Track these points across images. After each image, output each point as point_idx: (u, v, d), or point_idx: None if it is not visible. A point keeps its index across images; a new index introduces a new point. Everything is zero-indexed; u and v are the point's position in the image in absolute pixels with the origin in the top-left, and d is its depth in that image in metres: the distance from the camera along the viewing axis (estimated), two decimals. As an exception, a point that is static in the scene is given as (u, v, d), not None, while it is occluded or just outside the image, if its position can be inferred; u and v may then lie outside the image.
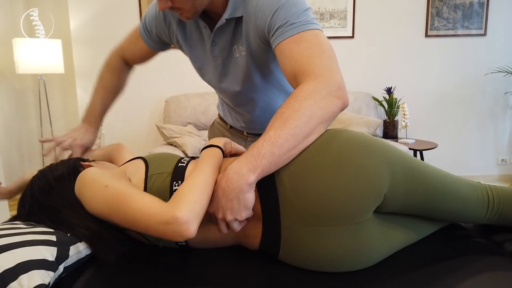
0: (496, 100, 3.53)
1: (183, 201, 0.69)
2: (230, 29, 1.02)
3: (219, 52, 1.07)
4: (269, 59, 1.04)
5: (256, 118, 1.24)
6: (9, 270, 0.66)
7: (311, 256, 0.76)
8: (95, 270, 0.81)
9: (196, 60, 1.15)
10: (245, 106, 1.21)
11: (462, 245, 0.89)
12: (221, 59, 1.08)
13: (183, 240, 0.68)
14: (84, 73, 3.38)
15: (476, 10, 3.35)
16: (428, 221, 0.90)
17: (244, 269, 0.81)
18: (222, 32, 1.03)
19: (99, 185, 0.78)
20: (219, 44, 1.05)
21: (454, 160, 3.60)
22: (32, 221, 0.86)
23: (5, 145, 3.13)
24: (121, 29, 3.30)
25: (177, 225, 0.66)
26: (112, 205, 0.75)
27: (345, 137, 0.79)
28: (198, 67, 1.17)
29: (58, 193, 0.87)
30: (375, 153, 0.76)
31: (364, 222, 0.75)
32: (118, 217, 0.74)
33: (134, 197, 0.74)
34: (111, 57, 1.28)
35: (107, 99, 1.27)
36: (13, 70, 3.14)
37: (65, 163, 0.94)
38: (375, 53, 3.43)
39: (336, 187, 0.73)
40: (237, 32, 1.02)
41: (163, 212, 0.68)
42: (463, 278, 0.74)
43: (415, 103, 3.48)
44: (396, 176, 0.77)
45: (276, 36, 0.89)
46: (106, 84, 1.26)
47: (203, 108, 3.25)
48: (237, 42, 1.04)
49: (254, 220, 0.81)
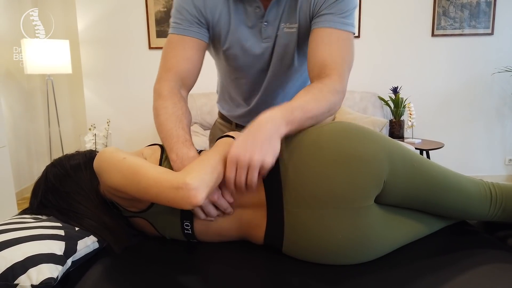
0: (503, 99, 3.50)
1: (194, 170, 0.73)
2: (283, 3, 1.00)
3: (271, 32, 1.04)
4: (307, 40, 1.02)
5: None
6: (18, 264, 0.68)
7: (314, 242, 0.77)
8: (102, 264, 0.82)
9: (235, 46, 1.06)
10: (272, 93, 1.18)
11: (466, 240, 0.89)
12: (272, 41, 1.05)
13: (191, 208, 0.71)
14: (91, 74, 3.41)
15: (483, 9, 3.32)
16: (433, 217, 0.90)
17: (249, 264, 0.82)
18: (277, 7, 1.00)
19: (116, 158, 0.82)
20: (271, 23, 1.03)
21: (460, 160, 3.58)
22: (42, 214, 0.89)
23: (13, 144, 3.17)
24: (128, 29, 3.33)
25: (187, 191, 0.69)
26: (127, 175, 0.77)
27: (346, 126, 0.83)
28: (236, 53, 1.08)
29: (73, 179, 0.90)
30: (374, 141, 0.80)
31: (365, 208, 0.77)
32: (132, 186, 0.77)
33: (148, 167, 0.77)
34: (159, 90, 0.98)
35: (182, 122, 0.94)
36: (21, 71, 3.18)
37: (81, 153, 0.97)
38: (381, 53, 3.42)
39: (337, 171, 0.76)
40: (289, 7, 1.01)
41: (174, 178, 0.72)
42: (467, 272, 0.75)
43: (422, 103, 3.47)
44: (395, 163, 0.79)
45: (325, 19, 0.95)
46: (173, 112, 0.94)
47: (208, 108, 3.27)
48: (287, 19, 1.02)
49: (258, 209, 0.83)
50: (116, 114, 3.47)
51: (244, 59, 1.10)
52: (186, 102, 1.01)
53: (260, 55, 1.09)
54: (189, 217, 0.86)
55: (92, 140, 3.13)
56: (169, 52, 1.02)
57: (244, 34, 1.05)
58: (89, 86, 3.43)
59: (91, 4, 3.30)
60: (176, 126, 0.90)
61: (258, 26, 1.04)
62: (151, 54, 3.35)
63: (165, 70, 1.01)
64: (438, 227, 0.93)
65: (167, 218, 0.88)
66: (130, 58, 3.39)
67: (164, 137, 0.91)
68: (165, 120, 0.92)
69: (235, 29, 1.04)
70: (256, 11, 1.01)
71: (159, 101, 0.96)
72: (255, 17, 1.02)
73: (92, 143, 3.13)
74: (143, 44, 3.37)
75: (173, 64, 1.00)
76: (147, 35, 3.35)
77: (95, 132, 3.14)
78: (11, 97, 3.19)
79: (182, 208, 0.72)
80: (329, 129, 0.82)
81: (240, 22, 1.03)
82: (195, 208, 0.81)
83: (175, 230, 0.88)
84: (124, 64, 3.40)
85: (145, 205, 0.86)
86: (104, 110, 3.45)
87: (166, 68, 1.01)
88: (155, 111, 0.96)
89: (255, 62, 1.11)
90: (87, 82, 3.42)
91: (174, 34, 1.02)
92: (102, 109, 3.46)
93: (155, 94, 0.98)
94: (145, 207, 0.87)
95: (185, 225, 0.86)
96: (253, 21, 1.03)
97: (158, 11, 3.32)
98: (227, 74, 1.20)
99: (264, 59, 1.10)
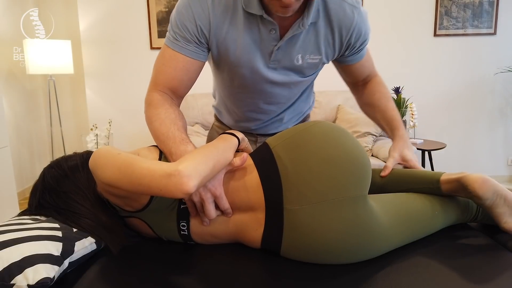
0: (506, 100, 3.49)
1: (187, 159, 0.74)
2: (303, 36, 0.97)
3: (282, 58, 1.00)
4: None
5: (279, 117, 1.21)
6: (15, 264, 0.68)
7: (314, 238, 0.78)
8: (100, 265, 0.82)
9: (244, 66, 1.01)
10: (273, 106, 1.15)
11: (466, 243, 0.88)
12: (281, 65, 1.01)
13: (183, 196, 0.71)
14: (93, 74, 3.42)
15: (486, 9, 3.31)
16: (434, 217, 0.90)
17: (247, 264, 0.81)
18: (294, 38, 0.96)
19: (112, 154, 0.82)
20: (284, 50, 0.98)
21: (463, 161, 3.56)
22: (40, 214, 0.89)
23: (15, 144, 3.18)
24: (130, 29, 3.33)
25: (179, 178, 0.69)
26: (121, 167, 0.77)
27: (333, 125, 0.89)
28: (243, 73, 1.03)
29: (71, 180, 0.90)
30: (354, 138, 0.89)
31: (363, 196, 0.81)
32: (125, 178, 0.76)
33: (142, 159, 0.77)
34: (149, 100, 0.98)
35: (177, 124, 0.92)
36: (23, 71, 3.19)
37: (78, 154, 0.97)
38: (383, 53, 3.41)
39: (332, 164, 0.81)
40: (311, 39, 0.98)
41: (167, 166, 0.72)
42: (466, 274, 0.74)
43: (424, 103, 3.45)
44: None
45: (362, 54, 1.12)
46: (165, 117, 0.93)
47: (210, 108, 3.26)
48: (305, 51, 0.99)
49: (256, 211, 0.83)
50: (118, 114, 3.47)
51: (251, 78, 1.04)
52: (179, 107, 1.00)
53: (268, 77, 1.04)
54: (185, 217, 0.86)
55: (94, 140, 3.14)
56: (160, 67, 0.99)
57: (254, 54, 0.99)
58: (91, 86, 3.44)
59: (92, 4, 3.31)
60: (171, 129, 0.89)
61: (269, 48, 0.98)
62: (152, 54, 3.36)
63: (154, 84, 0.99)
64: (439, 227, 0.93)
65: (163, 218, 0.87)
66: (131, 58, 3.39)
67: (161, 142, 0.89)
68: (159, 125, 0.91)
69: (244, 48, 0.97)
70: (271, 33, 0.95)
71: (151, 110, 0.95)
72: (268, 39, 0.96)
73: (94, 143, 3.14)
74: (144, 44, 3.38)
75: (162, 81, 0.98)
76: (148, 35, 3.36)
77: (97, 132, 3.15)
78: (13, 97, 3.20)
79: (174, 197, 0.71)
80: (320, 128, 0.87)
81: (251, 41, 0.97)
82: (195, 203, 0.82)
83: (172, 230, 0.88)
84: (125, 64, 3.41)
85: (140, 204, 0.86)
86: (106, 110, 3.46)
87: (155, 82, 0.99)
88: (147, 119, 0.94)
89: (261, 83, 1.06)
90: (89, 82, 3.43)
91: (169, 48, 0.97)
92: (104, 109, 3.46)
93: (146, 104, 0.97)
94: (140, 207, 0.86)
95: (181, 225, 0.86)
96: (265, 42, 0.97)
97: (159, 11, 3.32)
98: (227, 88, 1.15)
99: (272, 81, 1.05)
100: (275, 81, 1.05)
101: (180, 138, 0.87)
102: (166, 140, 0.88)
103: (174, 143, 0.86)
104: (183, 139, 0.87)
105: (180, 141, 0.87)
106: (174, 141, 0.87)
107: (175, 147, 0.86)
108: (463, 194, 0.90)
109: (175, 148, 0.86)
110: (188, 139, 0.89)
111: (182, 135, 0.88)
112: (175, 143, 0.86)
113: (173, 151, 0.86)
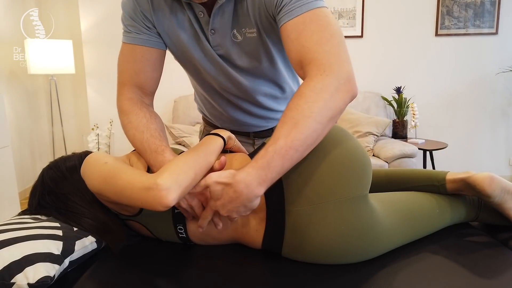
0: (507, 99, 3.47)
1: (167, 170, 0.72)
2: (230, 9, 0.87)
3: (220, 40, 0.92)
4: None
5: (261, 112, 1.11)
6: (15, 263, 0.68)
7: (316, 239, 0.77)
8: (101, 264, 0.82)
9: (185, 59, 0.97)
10: (249, 97, 1.06)
11: (468, 242, 0.88)
12: (224, 48, 0.93)
13: (163, 209, 0.69)
14: (94, 73, 3.42)
15: (488, 8, 3.30)
16: (435, 216, 0.90)
17: (247, 263, 0.81)
18: (222, 14, 0.88)
19: (99, 163, 0.82)
20: (218, 31, 0.90)
21: (464, 161, 3.55)
22: (41, 213, 0.89)
23: (17, 144, 3.18)
24: (131, 30, 3.33)
25: (158, 191, 0.68)
26: (107, 178, 0.77)
27: (335, 127, 0.87)
28: (193, 67, 0.98)
29: (70, 181, 0.90)
30: (355, 138, 0.88)
31: (362, 197, 0.80)
32: (109, 189, 0.77)
33: (126, 170, 0.76)
34: (120, 106, 0.96)
35: (150, 129, 0.90)
36: (24, 71, 3.19)
37: (76, 155, 0.97)
38: (385, 53, 3.41)
39: (334, 164, 0.80)
40: (239, 13, 0.88)
41: (146, 179, 0.71)
42: (468, 273, 0.74)
43: (425, 103, 3.45)
44: None
45: (283, 14, 0.80)
46: (137, 123, 0.91)
47: (211, 108, 3.27)
48: (239, 25, 0.90)
49: (256, 213, 0.82)
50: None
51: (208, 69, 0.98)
52: (151, 106, 0.97)
53: (217, 64, 0.97)
54: (181, 221, 0.85)
55: (95, 140, 3.14)
56: (122, 64, 0.96)
57: (197, 45, 0.94)
58: (92, 86, 3.44)
59: (94, 4, 3.31)
60: (145, 137, 0.87)
61: (207, 34, 0.92)
62: (153, 54, 3.36)
63: (121, 85, 0.96)
64: (441, 226, 0.92)
65: (160, 222, 0.87)
66: (133, 58, 3.39)
67: (140, 153, 0.88)
68: (132, 135, 0.89)
69: (184, 42, 0.94)
70: (200, 17, 0.90)
71: (123, 117, 0.93)
72: (204, 23, 0.91)
73: (95, 143, 3.14)
74: (146, 44, 3.37)
75: (127, 78, 0.95)
76: (150, 35, 3.35)
77: (98, 132, 3.15)
78: (15, 97, 3.21)
79: (155, 210, 0.70)
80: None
81: (190, 34, 0.93)
82: (185, 209, 0.81)
83: (170, 233, 0.88)
84: (127, 64, 3.40)
85: (135, 209, 0.86)
86: (107, 110, 3.46)
87: (121, 82, 0.96)
88: (123, 128, 0.93)
89: (220, 74, 0.99)
90: (90, 82, 3.43)
91: (125, 43, 0.94)
92: (105, 109, 3.46)
93: (118, 111, 0.95)
94: (136, 211, 0.87)
95: (178, 228, 0.86)
96: (198, 31, 0.92)
97: (160, 11, 3.32)
98: (199, 86, 1.09)
99: (225, 68, 0.98)
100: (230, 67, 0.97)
101: (155, 147, 0.85)
102: (143, 153, 0.87)
103: (151, 155, 0.85)
104: (158, 147, 0.85)
105: (155, 151, 0.85)
106: (150, 153, 0.85)
107: (152, 158, 0.84)
108: (470, 193, 0.90)
109: (153, 159, 0.84)
110: (164, 144, 0.86)
111: (156, 142, 0.86)
112: (151, 154, 0.85)
113: (152, 163, 0.85)
